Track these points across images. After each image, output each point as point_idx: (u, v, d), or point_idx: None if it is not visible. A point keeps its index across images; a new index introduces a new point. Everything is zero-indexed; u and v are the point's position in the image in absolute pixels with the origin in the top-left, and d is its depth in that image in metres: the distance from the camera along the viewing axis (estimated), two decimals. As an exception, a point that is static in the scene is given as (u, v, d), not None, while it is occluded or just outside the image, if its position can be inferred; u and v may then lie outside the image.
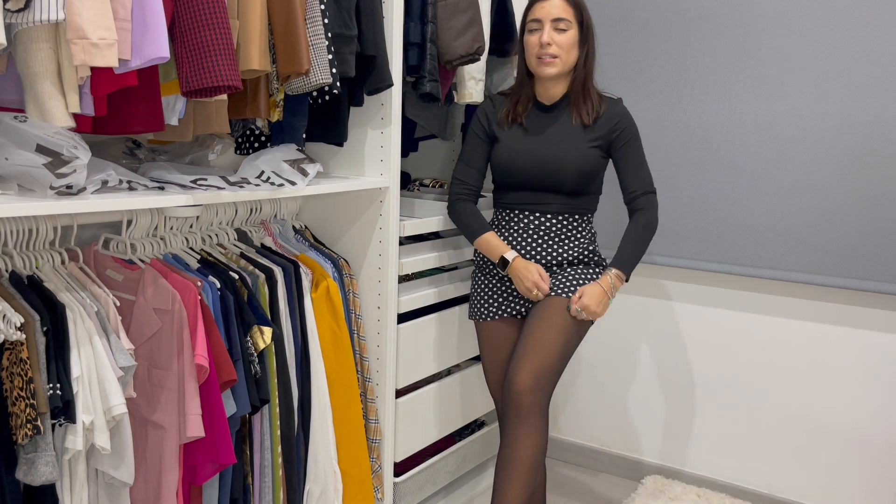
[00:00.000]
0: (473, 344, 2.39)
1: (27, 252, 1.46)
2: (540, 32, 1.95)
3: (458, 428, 2.46)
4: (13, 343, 1.30)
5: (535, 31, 1.96)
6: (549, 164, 1.98)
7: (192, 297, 1.54)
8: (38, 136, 1.27)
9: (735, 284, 2.61)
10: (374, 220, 2.04)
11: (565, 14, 1.94)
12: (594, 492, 2.79)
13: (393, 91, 1.95)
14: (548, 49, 1.93)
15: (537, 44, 1.95)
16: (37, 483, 1.29)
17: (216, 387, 1.55)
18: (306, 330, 1.86)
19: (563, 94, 2.03)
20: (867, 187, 2.31)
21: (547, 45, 1.93)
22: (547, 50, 1.94)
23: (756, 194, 2.48)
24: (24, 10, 1.18)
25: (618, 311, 2.81)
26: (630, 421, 2.89)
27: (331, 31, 1.70)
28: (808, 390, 2.52)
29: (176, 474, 1.54)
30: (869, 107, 2.28)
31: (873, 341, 2.40)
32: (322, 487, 1.90)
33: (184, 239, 1.74)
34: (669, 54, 2.58)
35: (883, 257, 2.30)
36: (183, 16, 1.38)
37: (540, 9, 1.95)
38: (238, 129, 1.83)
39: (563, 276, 2.02)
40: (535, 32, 1.96)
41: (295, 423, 1.82)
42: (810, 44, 2.35)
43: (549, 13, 1.94)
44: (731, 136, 2.51)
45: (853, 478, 2.47)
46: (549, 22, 1.93)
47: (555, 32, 1.94)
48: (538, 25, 1.95)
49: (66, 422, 1.34)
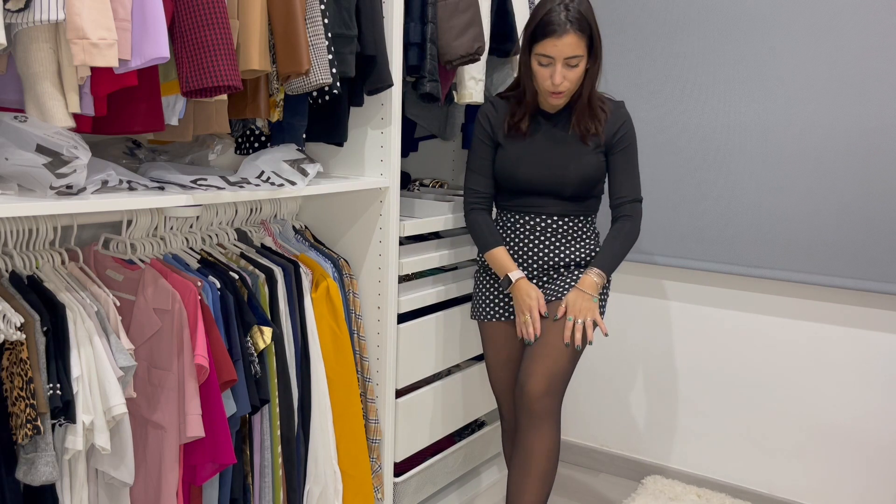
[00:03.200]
0: (473, 344, 2.39)
1: (27, 252, 1.46)
2: (551, 68, 1.88)
3: (458, 428, 2.46)
4: (13, 343, 1.30)
5: (545, 66, 1.89)
6: (553, 171, 1.98)
7: (192, 297, 1.54)
8: (38, 136, 1.27)
9: (735, 284, 2.61)
10: (374, 220, 2.04)
11: (577, 50, 1.86)
12: (594, 492, 2.79)
13: (393, 91, 1.95)
14: (559, 87, 1.90)
15: (547, 78, 1.89)
16: (37, 483, 1.29)
17: (216, 387, 1.55)
18: (306, 330, 1.86)
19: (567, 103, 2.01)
20: (867, 187, 2.31)
21: (559, 84, 1.88)
22: (558, 88, 1.90)
23: (756, 194, 2.48)
24: (24, 10, 1.18)
25: (618, 312, 2.81)
26: (630, 421, 2.89)
27: (331, 31, 1.70)
28: (808, 390, 2.52)
29: (176, 474, 1.54)
30: (869, 107, 2.28)
31: (873, 341, 2.40)
32: (322, 487, 1.90)
33: (184, 239, 1.74)
34: (668, 55, 2.58)
35: (883, 257, 2.30)
36: (183, 16, 1.38)
37: (552, 46, 1.85)
38: (238, 129, 1.83)
39: (570, 279, 2.02)
40: (545, 67, 1.89)
41: (295, 423, 1.82)
42: (810, 44, 2.35)
43: (562, 52, 1.85)
44: (731, 136, 2.51)
45: (853, 477, 2.47)
46: (562, 60, 1.87)
47: (566, 69, 1.88)
48: (549, 61, 1.88)
49: (66, 422, 1.34)
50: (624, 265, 2.77)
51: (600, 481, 2.87)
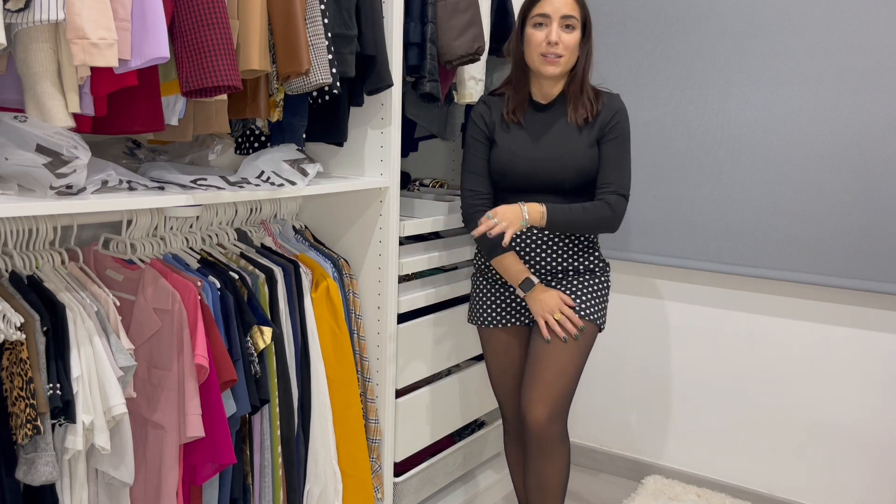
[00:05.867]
0: (473, 344, 2.39)
1: (27, 252, 1.46)
2: (547, 29, 1.87)
3: (458, 428, 2.46)
4: (13, 343, 1.30)
5: (541, 27, 1.89)
6: (549, 166, 1.96)
7: (192, 297, 1.54)
8: (38, 136, 1.27)
9: (735, 284, 2.61)
10: (374, 220, 2.04)
11: (573, 12, 1.88)
12: (594, 492, 2.79)
13: (393, 91, 1.95)
14: (555, 48, 1.87)
15: (543, 40, 1.88)
16: (37, 483, 1.29)
17: (216, 387, 1.55)
18: (306, 330, 1.86)
19: (560, 92, 1.99)
20: (867, 187, 2.31)
21: (555, 43, 1.87)
22: (554, 49, 1.87)
23: (756, 194, 2.48)
24: (24, 10, 1.18)
25: (618, 312, 2.81)
26: (630, 421, 2.89)
27: (331, 31, 1.70)
28: (809, 390, 2.52)
29: (176, 474, 1.54)
30: (869, 106, 2.28)
31: (874, 341, 2.40)
32: (322, 487, 1.90)
33: (184, 239, 1.74)
34: (669, 54, 2.58)
35: (884, 257, 2.30)
36: (183, 16, 1.38)
37: (548, 3, 1.87)
38: (238, 129, 1.83)
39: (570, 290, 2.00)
40: (541, 28, 1.89)
41: (295, 423, 1.82)
42: (809, 43, 2.35)
43: (559, 9, 1.86)
44: (730, 135, 2.51)
45: (854, 477, 2.47)
46: (558, 18, 1.87)
47: (562, 31, 1.87)
48: (545, 20, 1.88)
49: (66, 422, 1.34)
50: (628, 266, 2.78)
51: (600, 481, 2.87)
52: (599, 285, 2.03)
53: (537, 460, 1.98)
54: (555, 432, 1.95)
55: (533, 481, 2.02)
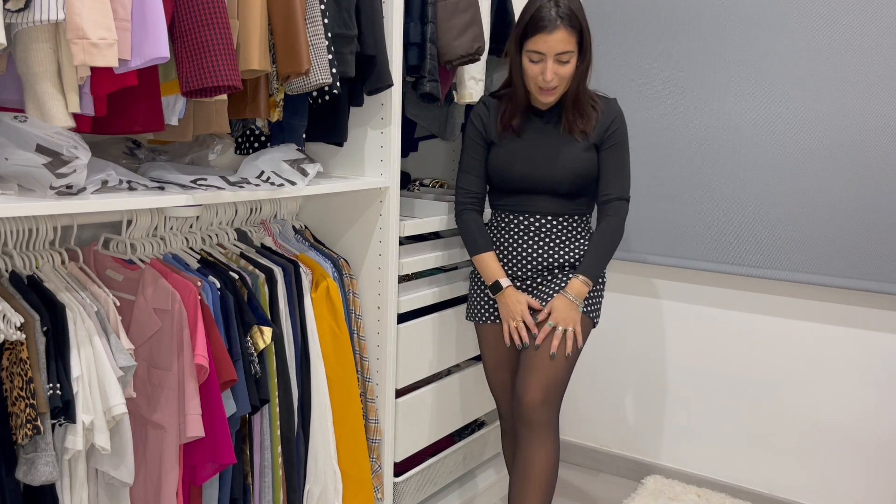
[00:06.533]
0: (473, 344, 2.39)
1: (27, 252, 1.46)
2: (542, 65, 1.88)
3: (458, 428, 2.46)
4: (13, 343, 1.30)
5: (536, 63, 1.89)
6: (546, 169, 1.98)
7: (192, 297, 1.54)
8: (38, 136, 1.27)
9: (735, 284, 2.61)
10: (374, 220, 2.04)
11: (568, 46, 1.86)
12: (594, 492, 2.79)
13: (393, 91, 1.95)
14: (550, 84, 1.90)
15: (538, 75, 1.89)
16: (37, 483, 1.29)
17: (216, 387, 1.55)
18: (306, 330, 1.86)
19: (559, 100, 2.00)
20: (867, 187, 2.31)
21: (550, 80, 1.88)
22: (549, 84, 1.90)
23: (755, 194, 2.48)
24: (24, 10, 1.18)
25: (618, 312, 2.81)
26: (630, 421, 2.89)
27: (331, 31, 1.70)
28: (808, 390, 2.52)
29: (176, 474, 1.54)
30: (869, 106, 2.28)
31: (873, 341, 2.40)
32: (322, 487, 1.90)
33: (184, 239, 1.74)
34: (669, 54, 2.58)
35: (883, 257, 2.30)
36: (183, 16, 1.38)
37: (543, 42, 1.85)
38: (238, 129, 1.83)
39: (564, 281, 2.01)
40: (536, 63, 1.89)
41: (295, 423, 1.82)
42: (810, 43, 2.35)
43: (553, 48, 1.85)
44: (730, 136, 2.51)
45: (853, 477, 2.47)
46: (553, 56, 1.87)
47: (557, 65, 1.88)
48: (540, 57, 1.88)
49: (66, 422, 1.34)
50: (628, 265, 2.78)
51: (600, 481, 2.87)
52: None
53: (525, 446, 1.97)
54: (546, 416, 1.95)
55: (518, 469, 2.00)
